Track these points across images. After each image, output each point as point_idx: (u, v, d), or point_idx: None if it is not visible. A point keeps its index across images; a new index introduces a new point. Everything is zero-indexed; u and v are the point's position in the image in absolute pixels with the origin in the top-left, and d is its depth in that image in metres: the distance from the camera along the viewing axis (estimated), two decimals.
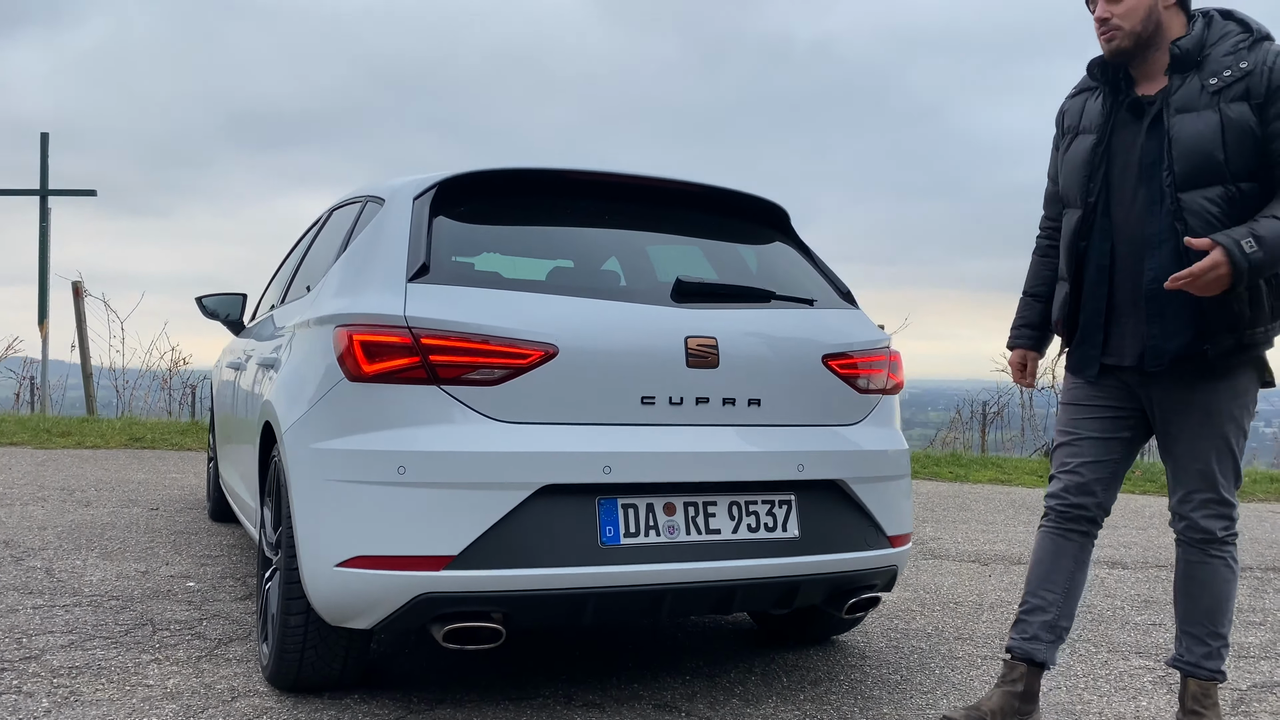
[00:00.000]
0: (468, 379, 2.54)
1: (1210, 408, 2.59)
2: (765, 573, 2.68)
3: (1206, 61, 2.54)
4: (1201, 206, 2.49)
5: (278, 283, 4.60)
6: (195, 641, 3.36)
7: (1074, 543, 2.77)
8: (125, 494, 6.35)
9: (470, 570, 2.44)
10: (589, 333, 2.63)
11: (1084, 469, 2.74)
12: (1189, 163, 2.50)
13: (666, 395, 2.66)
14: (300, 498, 2.63)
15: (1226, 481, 2.61)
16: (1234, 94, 2.49)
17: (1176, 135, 2.51)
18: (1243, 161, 2.47)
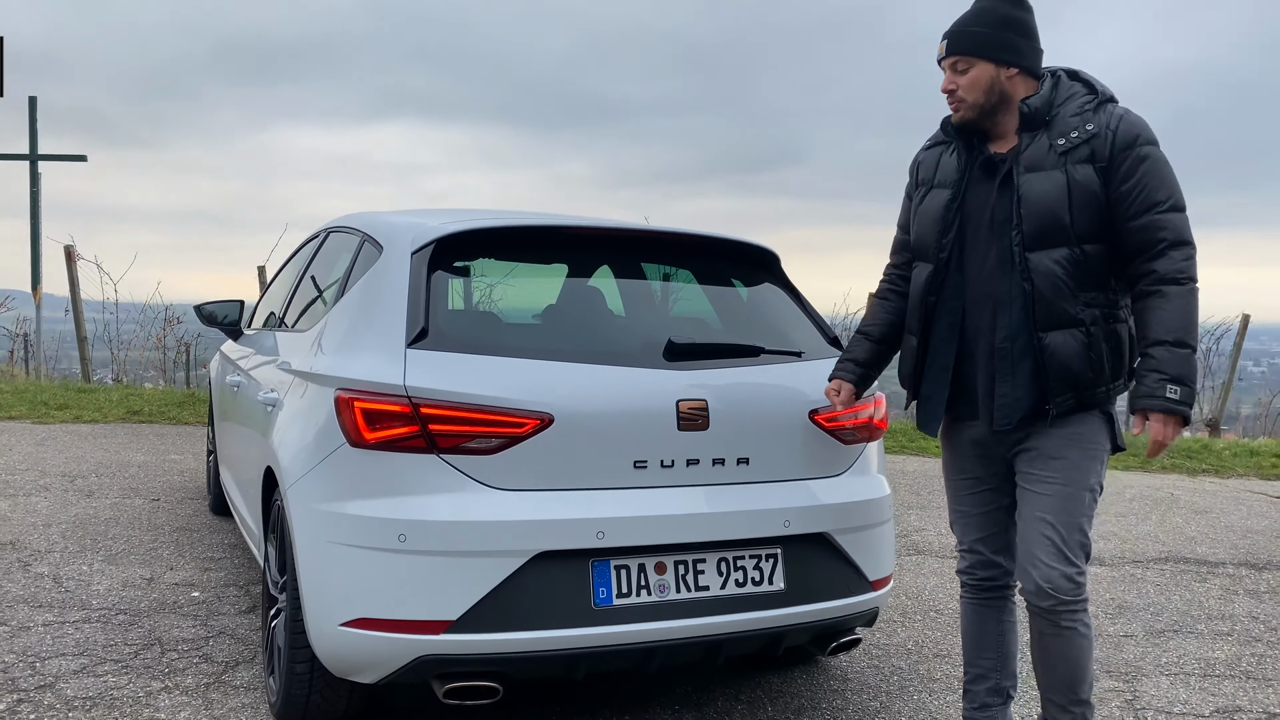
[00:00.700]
0: (466, 448, 2.63)
1: (1057, 469, 2.59)
2: (752, 625, 2.80)
3: (1055, 121, 2.57)
4: (1048, 268, 2.51)
5: (276, 296, 4.66)
6: (203, 665, 3.49)
7: (994, 608, 2.86)
8: (126, 482, 6.46)
9: (468, 634, 2.56)
10: (583, 399, 2.71)
11: (980, 545, 2.83)
12: (1036, 222, 2.52)
13: (658, 459, 2.76)
14: (305, 556, 2.73)
15: (1071, 544, 2.58)
16: (1080, 156, 2.51)
17: (1025, 194, 2.54)
18: (1087, 223, 2.50)
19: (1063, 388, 2.53)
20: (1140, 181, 2.48)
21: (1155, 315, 2.46)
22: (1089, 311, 2.52)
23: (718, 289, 3.43)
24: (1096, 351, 2.52)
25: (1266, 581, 5.19)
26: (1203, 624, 4.43)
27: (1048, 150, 2.54)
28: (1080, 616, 2.60)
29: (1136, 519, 6.61)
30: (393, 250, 3.05)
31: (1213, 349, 12.89)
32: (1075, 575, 2.57)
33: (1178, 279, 2.46)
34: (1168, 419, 2.45)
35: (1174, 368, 2.43)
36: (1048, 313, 2.52)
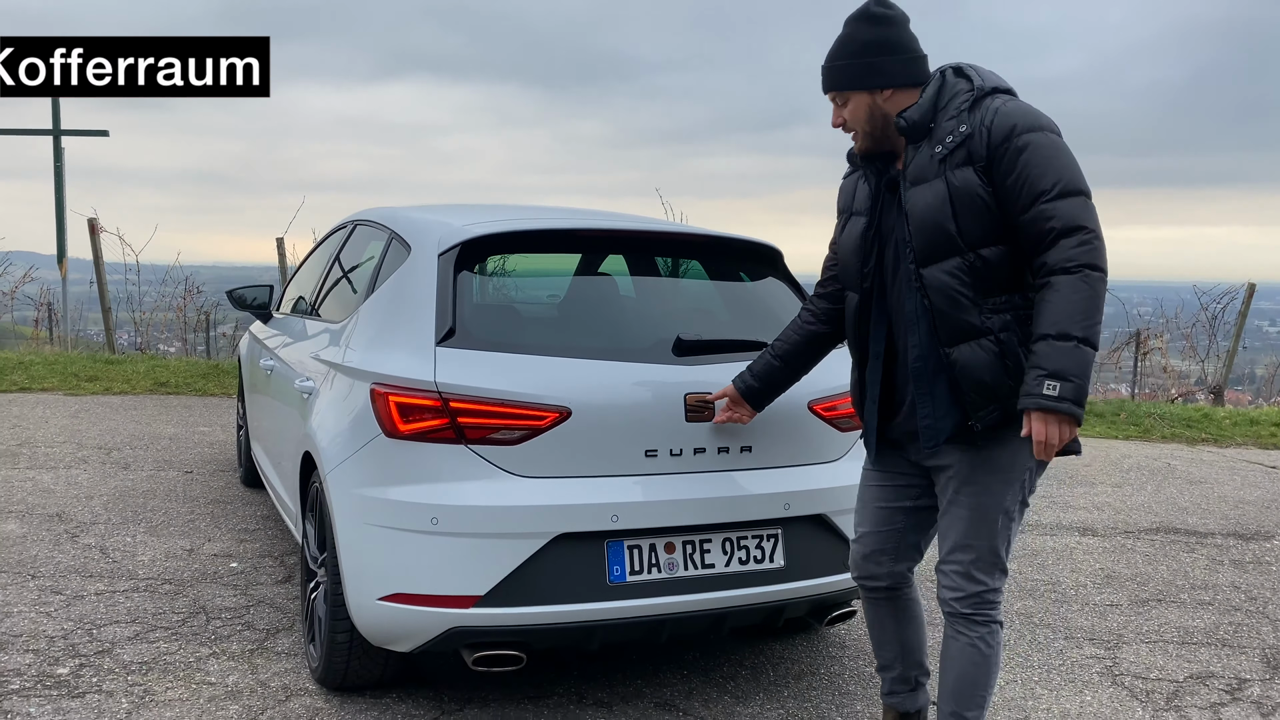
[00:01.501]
0: (491, 439, 2.87)
1: (969, 476, 2.53)
2: (754, 600, 3.05)
3: (935, 129, 2.47)
4: (942, 282, 2.43)
5: (304, 282, 4.90)
6: (246, 632, 3.77)
7: (884, 606, 2.83)
8: (159, 454, 6.74)
9: (495, 608, 2.82)
10: (598, 394, 2.95)
11: (865, 538, 2.79)
12: (923, 236, 2.45)
13: (668, 448, 2.99)
14: (344, 536, 2.99)
15: (981, 560, 2.55)
16: (957, 159, 2.41)
17: (910, 209, 2.48)
18: (977, 229, 2.40)
19: (982, 401, 2.43)
20: (1022, 173, 2.35)
21: (1042, 308, 2.33)
22: (997, 318, 2.41)
23: (725, 284, 3.66)
24: (1012, 358, 2.40)
25: (1252, 551, 5.41)
26: (1186, 594, 4.67)
27: (929, 160, 2.46)
28: (981, 630, 2.57)
29: (1132, 489, 6.83)
30: (420, 251, 3.27)
31: (1219, 316, 13.02)
32: (982, 592, 2.55)
33: (1066, 267, 2.31)
34: (1048, 417, 2.32)
35: (1053, 362, 2.30)
36: (949, 327, 2.44)
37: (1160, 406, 10.43)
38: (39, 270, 14.17)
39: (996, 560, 2.56)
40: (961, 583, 2.57)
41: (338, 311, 3.91)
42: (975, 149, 2.40)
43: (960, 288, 2.42)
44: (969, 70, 2.52)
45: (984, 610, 2.57)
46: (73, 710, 3.10)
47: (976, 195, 2.39)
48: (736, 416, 3.02)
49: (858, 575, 2.85)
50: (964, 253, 2.42)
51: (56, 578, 4.28)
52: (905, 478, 2.74)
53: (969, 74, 2.50)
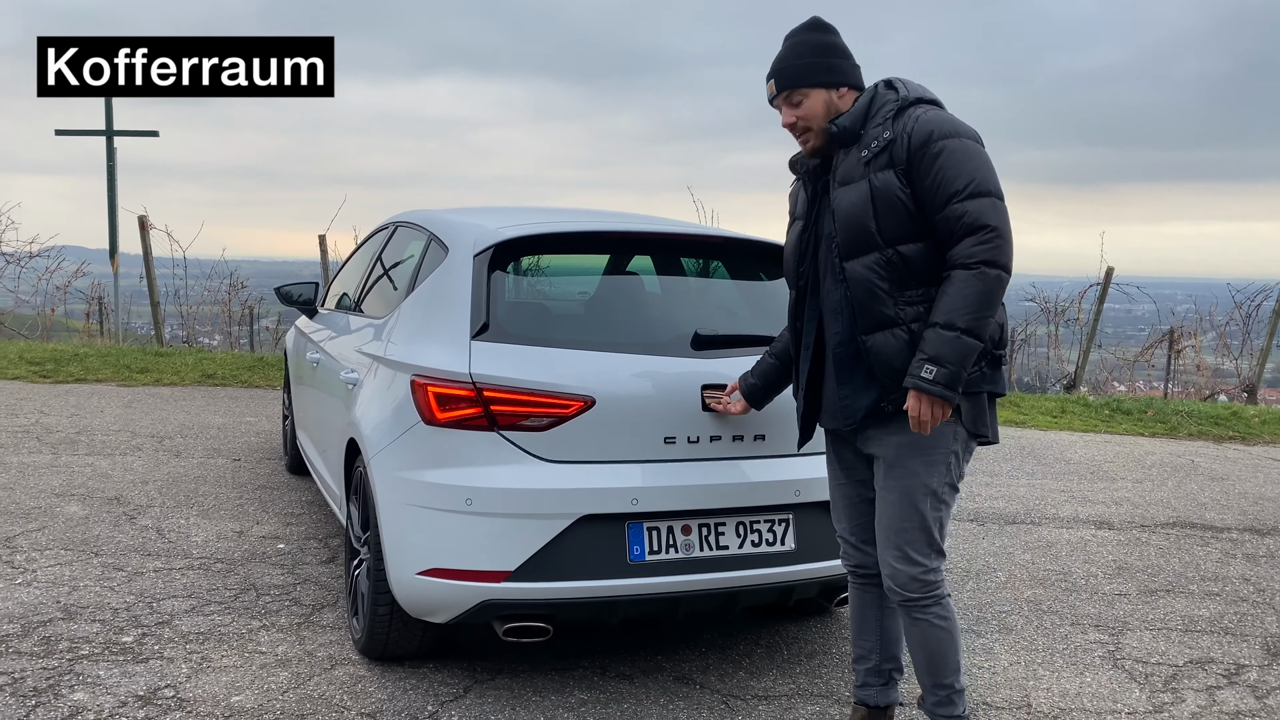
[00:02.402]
0: (521, 425, 3.10)
1: (894, 461, 2.72)
2: (765, 580, 3.25)
3: (864, 134, 2.67)
4: (861, 275, 2.63)
5: (348, 280, 5.17)
6: (294, 608, 4.03)
7: (872, 593, 3.00)
8: (209, 442, 7.06)
9: (524, 583, 3.05)
10: (620, 384, 3.17)
11: (847, 534, 3.00)
12: (847, 232, 2.65)
13: (685, 435, 3.20)
14: (387, 515, 3.23)
15: (915, 541, 2.72)
16: (880, 163, 2.61)
17: (836, 206, 2.68)
18: (895, 227, 2.59)
19: (893, 384, 2.64)
20: (938, 175, 2.55)
21: (939, 299, 2.54)
22: (910, 310, 2.61)
23: (744, 283, 3.87)
24: (915, 341, 2.60)
25: (1266, 546, 5.52)
26: (1195, 585, 4.81)
27: (856, 163, 2.67)
28: (933, 610, 2.75)
29: (1152, 485, 6.94)
30: (457, 252, 3.51)
31: (1253, 314, 12.97)
32: (921, 575, 2.73)
33: (966, 263, 2.51)
34: (921, 397, 2.54)
35: (934, 348, 2.51)
36: (866, 316, 2.64)
37: (1189, 404, 10.47)
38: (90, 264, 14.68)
39: (931, 540, 2.74)
40: (903, 567, 2.74)
41: (380, 307, 4.17)
42: (897, 153, 2.60)
43: (877, 280, 2.63)
44: (897, 83, 2.73)
45: (929, 591, 2.75)
46: (137, 674, 3.38)
47: (895, 196, 2.59)
48: (735, 410, 3.21)
49: (849, 564, 3.04)
50: (882, 249, 2.62)
51: (118, 555, 4.58)
52: (858, 471, 2.93)
53: (897, 86, 2.72)
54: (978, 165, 2.57)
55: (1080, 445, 8.39)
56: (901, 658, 3.07)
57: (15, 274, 13.76)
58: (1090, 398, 11.12)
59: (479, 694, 3.33)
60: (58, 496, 5.54)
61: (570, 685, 3.42)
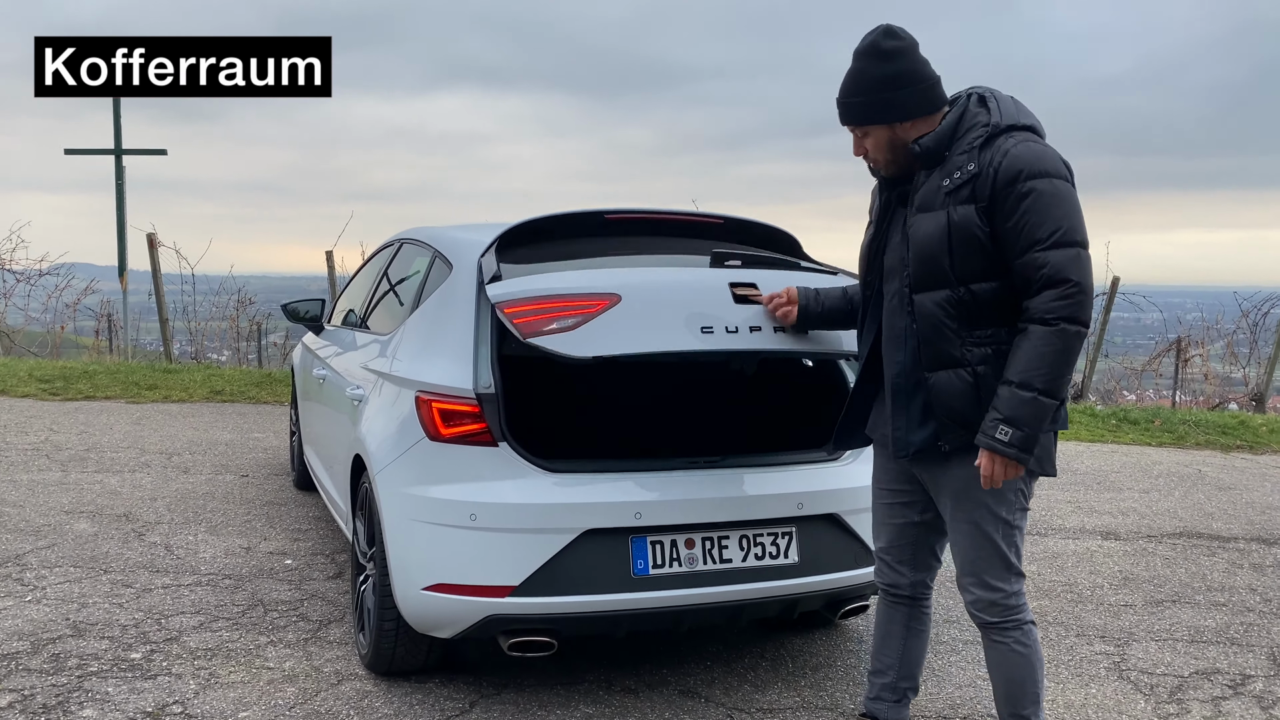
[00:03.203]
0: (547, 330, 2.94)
1: (961, 494, 2.65)
2: (769, 593, 3.27)
3: (949, 158, 2.55)
4: (930, 310, 2.56)
5: (354, 296, 5.21)
6: (301, 623, 4.05)
7: (901, 611, 2.97)
8: (217, 459, 7.10)
9: (528, 598, 3.07)
10: (647, 282, 3.15)
11: (885, 554, 2.96)
12: (920, 265, 2.57)
13: (722, 325, 3.05)
14: (392, 530, 3.26)
15: (991, 568, 2.65)
16: (962, 196, 2.50)
17: (911, 235, 2.60)
18: (970, 265, 2.50)
19: (951, 425, 2.58)
20: (1021, 219, 2.44)
21: (1015, 353, 2.46)
22: (978, 351, 2.53)
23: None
24: (987, 391, 2.52)
25: (1274, 556, 5.51)
26: (1201, 595, 4.80)
27: (937, 190, 2.56)
28: (1013, 634, 2.68)
29: (1159, 495, 6.93)
30: (461, 269, 3.54)
31: (1260, 323, 12.94)
32: (1001, 599, 2.67)
33: (1044, 318, 2.42)
34: (994, 458, 2.48)
35: (1010, 409, 2.43)
36: (931, 353, 2.58)
37: (1197, 414, 10.45)
38: (99, 282, 14.79)
39: (1008, 565, 2.67)
40: (980, 594, 2.70)
41: (385, 324, 4.20)
42: (980, 189, 2.48)
43: (945, 319, 2.55)
44: (991, 101, 2.57)
45: (1010, 615, 2.69)
46: (146, 690, 3.40)
47: (974, 234, 2.49)
48: (785, 310, 3.05)
49: (883, 582, 2.99)
50: (954, 286, 2.53)
51: (126, 572, 4.61)
52: (908, 494, 2.87)
53: (990, 104, 2.56)
54: (1066, 211, 2.44)
55: (1087, 455, 8.38)
56: (919, 677, 3.06)
57: (25, 292, 13.89)
58: (1098, 407, 11.11)
59: (485, 708, 3.35)
60: (67, 514, 5.58)
61: (576, 699, 3.43)
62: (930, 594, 3.03)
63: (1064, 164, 2.51)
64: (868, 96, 2.62)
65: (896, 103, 2.60)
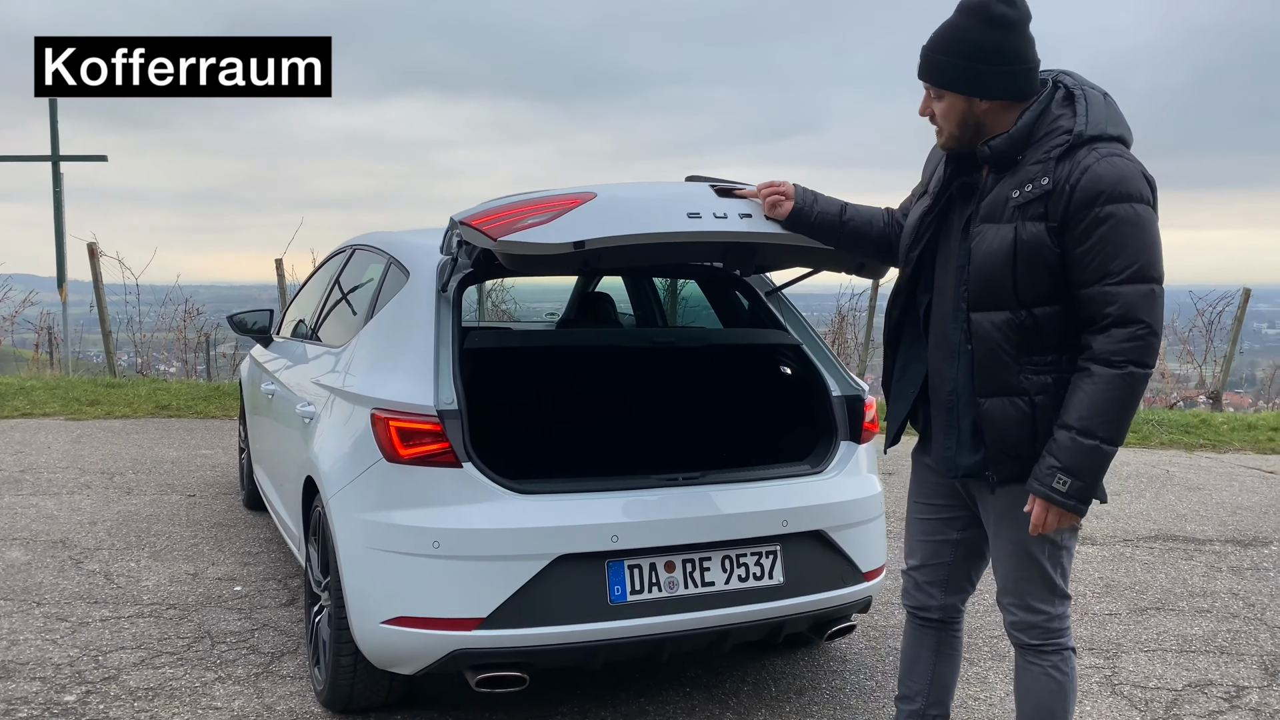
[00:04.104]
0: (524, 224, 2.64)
1: (1006, 513, 2.46)
2: (754, 617, 3.08)
3: (1021, 165, 2.31)
4: (987, 331, 2.33)
5: (304, 306, 4.94)
6: (251, 656, 3.79)
7: (931, 635, 2.75)
8: (162, 478, 6.77)
9: (497, 630, 2.85)
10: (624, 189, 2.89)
11: (915, 573, 2.73)
12: (981, 281, 2.34)
13: (710, 211, 2.76)
14: (348, 560, 3.02)
15: (1034, 589, 2.47)
16: (1033, 212, 2.26)
17: (975, 248, 2.35)
18: (1034, 288, 2.28)
19: (1001, 456, 2.37)
20: (1095, 248, 2.21)
21: (1075, 395, 2.25)
22: (1036, 379, 2.31)
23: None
24: (1044, 422, 2.31)
25: (1250, 558, 5.44)
26: (1184, 601, 4.70)
27: (1005, 201, 2.31)
28: (1052, 659, 2.50)
29: (1130, 497, 6.86)
30: (418, 276, 3.31)
31: (1215, 322, 13.06)
32: (1044, 622, 2.48)
33: (1111, 360, 2.21)
34: (1049, 507, 2.29)
35: (1069, 457, 2.24)
36: (986, 378, 2.36)
37: (1158, 413, 10.47)
38: (39, 294, 14.26)
39: (1053, 587, 2.47)
40: (1023, 615, 2.50)
41: (338, 336, 3.96)
42: (1053, 208, 2.24)
43: (1004, 343, 2.33)
44: (1079, 102, 2.30)
45: (1051, 639, 2.50)
46: None
47: (1042, 255, 2.26)
48: (775, 199, 2.74)
49: (910, 604, 2.76)
50: (1015, 309, 2.31)
51: (62, 604, 4.31)
52: (949, 509, 2.65)
53: (1077, 105, 2.30)
54: (1144, 244, 2.21)
55: None
56: (950, 704, 2.84)
57: None
58: None
59: None
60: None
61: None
62: (962, 617, 2.80)
63: (1148, 183, 2.26)
64: (956, 59, 2.32)
65: (985, 77, 2.31)
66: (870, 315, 12.18)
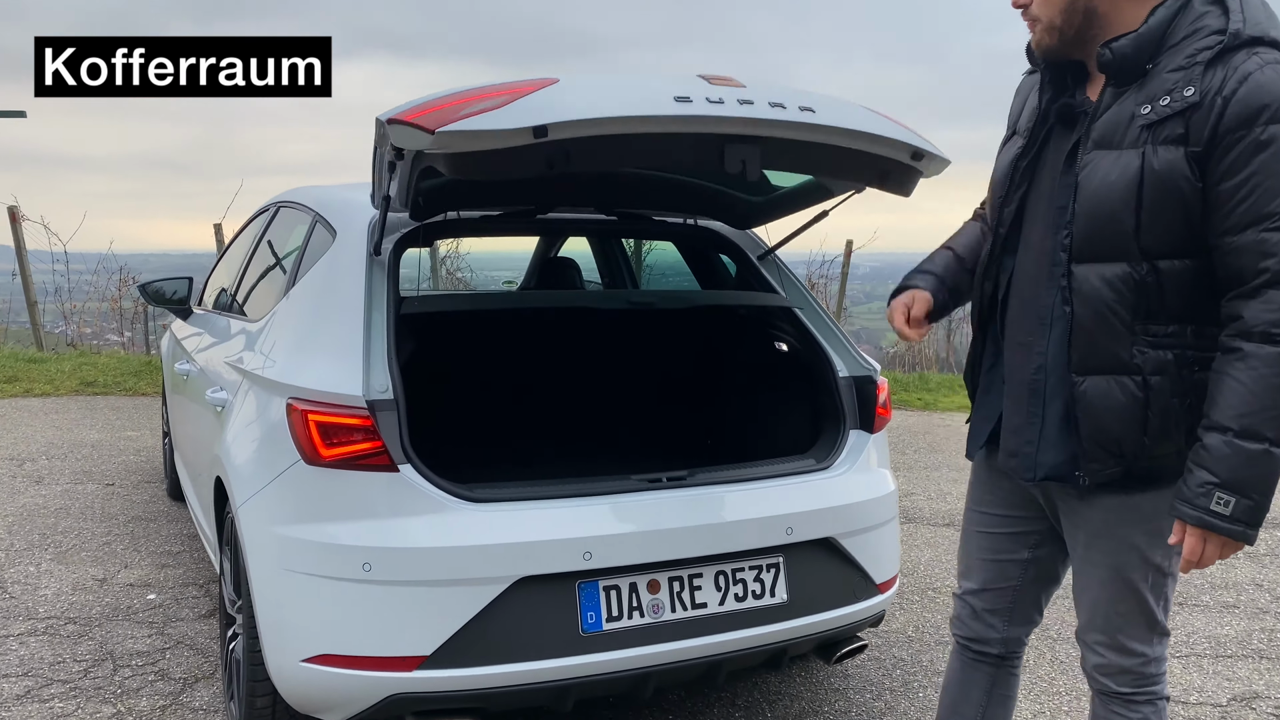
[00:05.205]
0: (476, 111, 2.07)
1: (1102, 531, 1.95)
2: (753, 642, 2.58)
3: (1153, 74, 1.79)
4: (1094, 289, 1.82)
5: (226, 272, 4.34)
6: (159, 684, 3.24)
7: (984, 673, 2.25)
8: (79, 464, 6.13)
9: (444, 670, 2.32)
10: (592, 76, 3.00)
11: (972, 597, 2.22)
12: (1089, 224, 1.82)
13: (702, 96, 2.21)
14: (260, 585, 2.47)
15: (1130, 626, 1.97)
16: (1168, 133, 1.74)
17: (1083, 181, 1.83)
18: (1162, 234, 1.77)
19: (1099, 452, 1.86)
20: (1251, 179, 1.69)
21: (1223, 385, 1.73)
22: (1154, 355, 1.80)
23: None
24: (1159, 410, 1.80)
25: (1264, 543, 5.05)
26: (1207, 595, 4.29)
27: (1129, 120, 1.78)
28: (1143, 710, 2.00)
29: None
30: (347, 237, 2.75)
31: None
32: (1138, 666, 1.99)
33: (1272, 333, 1.68)
34: (1210, 535, 1.75)
35: (1229, 468, 1.71)
36: (1087, 350, 1.84)
37: None
38: None
39: (1154, 623, 1.97)
40: (1113, 657, 1.99)
41: (256, 308, 3.38)
42: (1196, 127, 1.72)
43: (1116, 304, 1.81)
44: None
45: (1145, 686, 2.00)
46: None
47: (1179, 188, 1.74)
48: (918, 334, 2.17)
49: (963, 635, 2.25)
50: (1135, 260, 1.79)
51: None
52: (1021, 520, 2.14)
53: (1229, 3, 1.77)
54: None
55: None
56: None
57: None
58: None
59: None
60: None
61: None
62: (1023, 652, 2.29)
63: None
64: None
65: None
66: (842, 283, 11.69)
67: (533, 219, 3.08)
